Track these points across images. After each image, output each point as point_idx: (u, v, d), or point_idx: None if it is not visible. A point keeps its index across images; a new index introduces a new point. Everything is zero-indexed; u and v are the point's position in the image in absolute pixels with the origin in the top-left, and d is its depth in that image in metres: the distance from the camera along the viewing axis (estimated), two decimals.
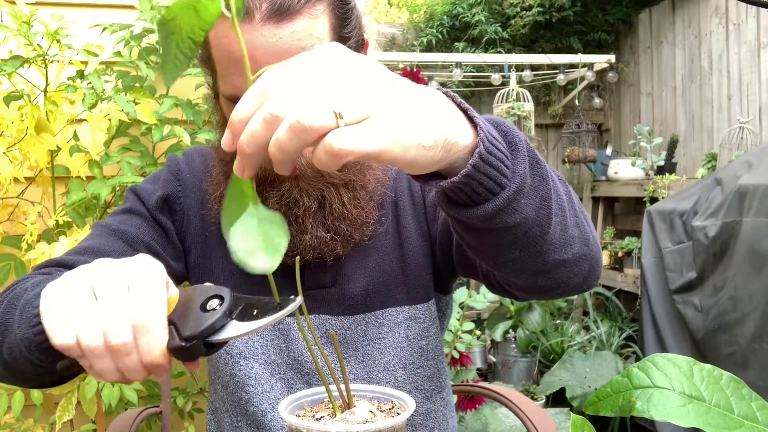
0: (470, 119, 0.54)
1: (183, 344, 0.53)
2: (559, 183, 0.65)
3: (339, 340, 0.89)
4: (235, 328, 0.53)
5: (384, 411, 0.59)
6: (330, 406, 0.59)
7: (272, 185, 0.83)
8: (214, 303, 0.54)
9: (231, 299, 0.55)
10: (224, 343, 0.54)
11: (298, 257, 0.58)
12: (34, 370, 0.63)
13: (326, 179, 0.83)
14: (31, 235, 1.56)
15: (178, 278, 0.95)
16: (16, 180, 1.58)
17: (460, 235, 0.64)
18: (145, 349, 0.53)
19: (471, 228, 0.60)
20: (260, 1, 0.72)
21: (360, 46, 0.84)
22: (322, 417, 0.57)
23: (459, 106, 0.54)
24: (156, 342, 0.53)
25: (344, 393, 0.59)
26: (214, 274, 0.92)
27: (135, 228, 0.89)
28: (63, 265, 0.80)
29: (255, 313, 0.53)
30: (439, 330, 0.97)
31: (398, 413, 0.58)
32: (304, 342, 0.88)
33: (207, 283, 0.57)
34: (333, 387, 0.59)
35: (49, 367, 0.61)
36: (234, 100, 0.75)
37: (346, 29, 0.80)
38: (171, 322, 0.55)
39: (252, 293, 0.79)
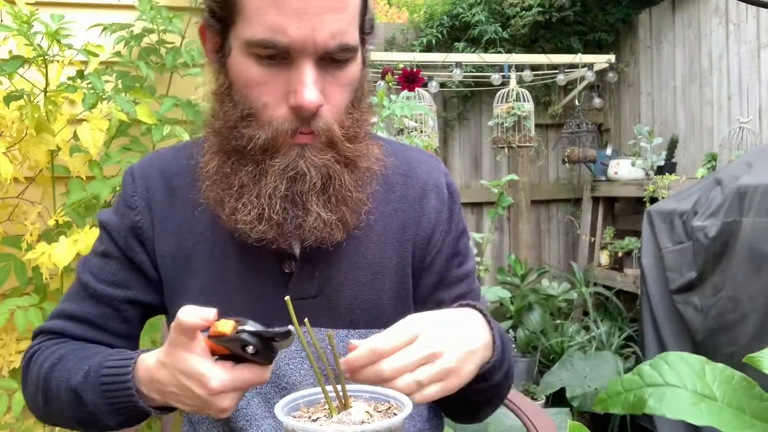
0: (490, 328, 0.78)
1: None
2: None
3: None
4: None
5: (381, 411, 0.59)
6: (326, 406, 0.59)
7: (276, 153, 0.78)
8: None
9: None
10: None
11: (288, 297, 0.62)
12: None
13: (335, 153, 0.79)
14: (31, 235, 1.57)
15: (156, 309, 0.93)
16: (16, 180, 1.58)
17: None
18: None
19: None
20: None
21: (372, 25, 0.82)
22: (318, 418, 0.57)
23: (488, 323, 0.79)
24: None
25: (341, 394, 0.59)
26: (189, 293, 0.88)
27: (111, 277, 0.90)
28: (54, 332, 0.90)
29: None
30: None
31: (395, 413, 0.58)
32: (283, 355, 0.85)
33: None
34: (329, 387, 0.59)
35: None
36: (264, 45, 0.73)
37: None
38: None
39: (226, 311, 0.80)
